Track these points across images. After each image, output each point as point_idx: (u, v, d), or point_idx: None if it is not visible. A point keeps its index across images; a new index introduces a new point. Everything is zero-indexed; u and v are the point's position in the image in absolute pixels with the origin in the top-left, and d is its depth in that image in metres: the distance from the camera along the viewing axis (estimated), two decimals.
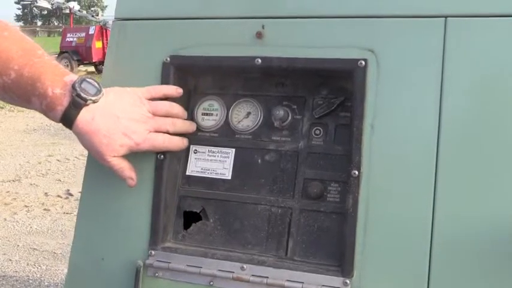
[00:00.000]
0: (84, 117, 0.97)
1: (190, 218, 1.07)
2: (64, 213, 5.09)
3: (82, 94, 0.96)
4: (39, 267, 3.92)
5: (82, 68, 17.46)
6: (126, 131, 0.99)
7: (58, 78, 0.97)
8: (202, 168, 1.08)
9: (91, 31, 16.96)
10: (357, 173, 0.94)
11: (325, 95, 1.04)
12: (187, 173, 1.09)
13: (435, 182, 0.91)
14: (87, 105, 0.97)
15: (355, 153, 0.95)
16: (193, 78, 1.11)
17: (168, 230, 1.07)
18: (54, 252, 4.16)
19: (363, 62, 0.95)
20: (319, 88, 1.05)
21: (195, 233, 1.07)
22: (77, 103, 0.96)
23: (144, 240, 1.06)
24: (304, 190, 1.02)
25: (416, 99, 0.93)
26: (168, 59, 1.07)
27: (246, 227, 1.04)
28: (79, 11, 19.96)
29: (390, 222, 0.93)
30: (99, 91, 0.98)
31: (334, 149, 1.02)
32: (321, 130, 1.04)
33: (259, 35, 1.02)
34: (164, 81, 1.07)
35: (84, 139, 0.99)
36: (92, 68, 17.55)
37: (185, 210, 1.08)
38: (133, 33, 1.12)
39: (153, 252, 1.04)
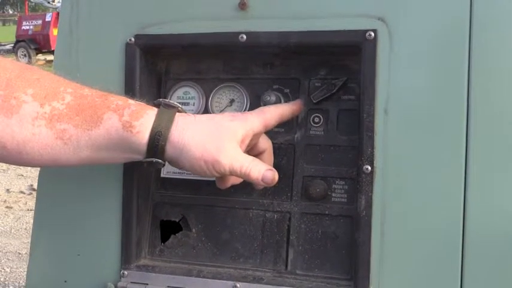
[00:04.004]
0: (182, 115, 0.81)
1: (168, 229, 0.93)
2: (28, 210, 4.94)
3: (170, 101, 0.82)
4: (3, 270, 3.73)
5: (41, 57, 16.99)
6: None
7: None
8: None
9: (48, 18, 16.48)
10: (369, 168, 0.79)
11: (323, 76, 0.88)
12: (162, 175, 0.94)
13: (465, 175, 0.76)
14: (179, 110, 0.81)
15: (367, 145, 0.79)
16: (163, 61, 0.96)
17: (143, 245, 0.92)
18: (19, 253, 4.00)
19: (372, 34, 0.80)
20: (316, 68, 0.89)
21: (175, 246, 0.92)
22: (168, 104, 0.81)
23: (114, 258, 0.91)
24: (304, 190, 0.87)
25: (438, 76, 0.77)
26: (133, 39, 0.91)
27: (236, 237, 0.89)
28: None
29: (413, 225, 0.78)
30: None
31: (338, 139, 0.87)
32: (321, 117, 0.88)
33: (242, 6, 0.87)
34: (128, 65, 0.91)
35: (191, 141, 0.78)
36: (51, 57, 17.07)
37: (162, 220, 0.93)
38: (90, 9, 0.95)
39: (126, 272, 0.89)
